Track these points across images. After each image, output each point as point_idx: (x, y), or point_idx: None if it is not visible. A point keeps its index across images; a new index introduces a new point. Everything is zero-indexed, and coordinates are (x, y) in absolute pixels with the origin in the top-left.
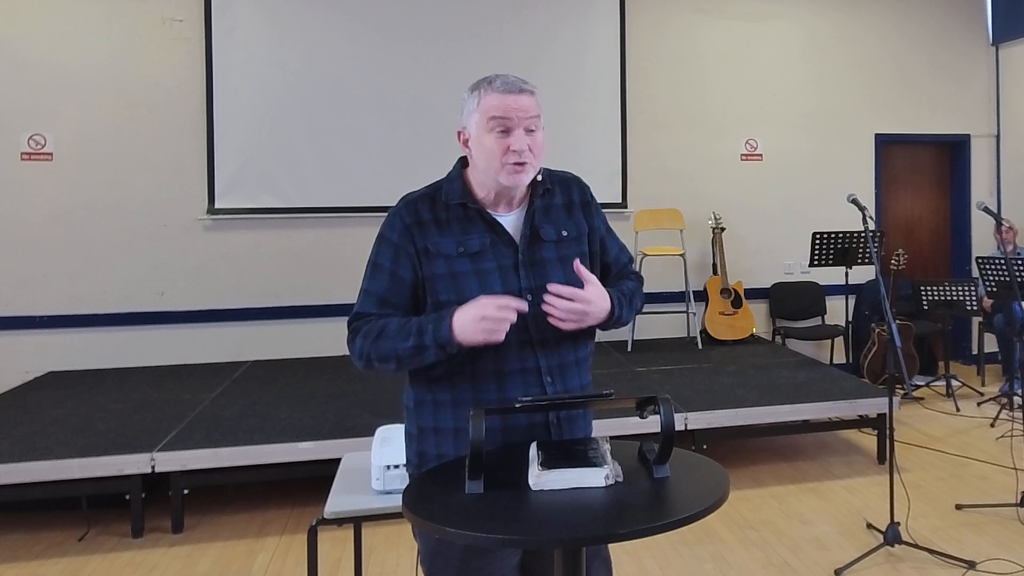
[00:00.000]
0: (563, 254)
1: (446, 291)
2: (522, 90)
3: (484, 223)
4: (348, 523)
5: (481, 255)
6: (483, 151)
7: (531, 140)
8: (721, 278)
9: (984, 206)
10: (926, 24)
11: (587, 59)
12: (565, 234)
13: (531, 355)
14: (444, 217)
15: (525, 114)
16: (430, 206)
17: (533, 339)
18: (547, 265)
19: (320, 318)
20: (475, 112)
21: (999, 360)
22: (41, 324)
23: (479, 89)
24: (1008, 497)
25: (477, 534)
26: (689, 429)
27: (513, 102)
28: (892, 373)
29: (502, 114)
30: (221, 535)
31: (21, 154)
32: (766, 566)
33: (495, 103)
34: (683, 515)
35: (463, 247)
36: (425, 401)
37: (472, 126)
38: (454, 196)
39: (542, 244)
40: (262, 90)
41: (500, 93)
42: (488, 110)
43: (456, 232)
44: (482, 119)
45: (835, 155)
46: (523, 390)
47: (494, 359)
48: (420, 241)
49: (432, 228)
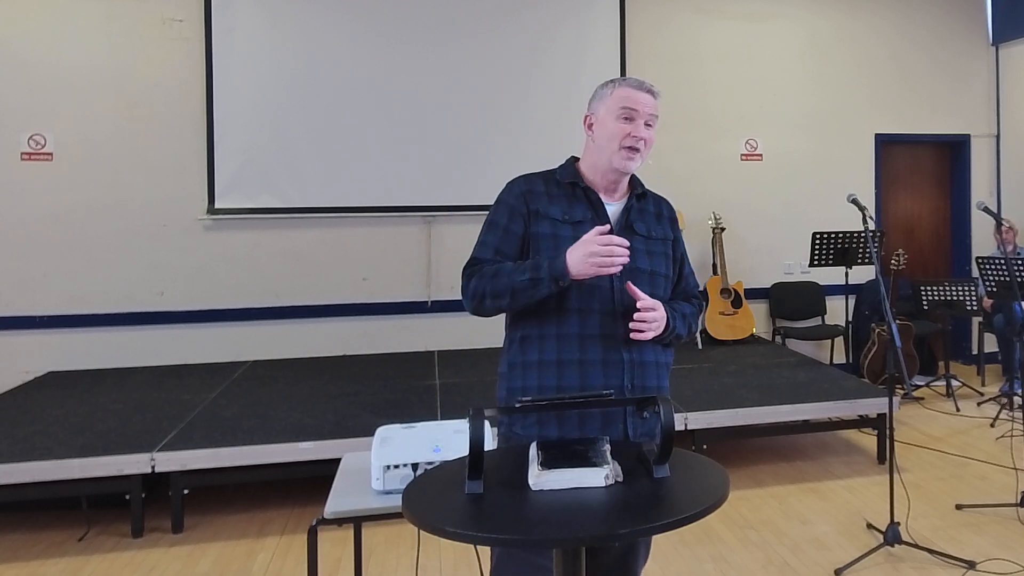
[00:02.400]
0: (651, 249)
1: (547, 250)
2: (651, 90)
3: (588, 202)
4: (348, 523)
5: (582, 225)
6: (606, 133)
7: (647, 133)
8: (721, 278)
9: (984, 206)
10: (926, 24)
11: (587, 59)
12: (655, 234)
13: (612, 324)
14: (555, 191)
15: (648, 109)
16: (543, 181)
17: (616, 309)
18: (636, 253)
19: (320, 318)
20: (607, 99)
21: (999, 360)
22: (41, 324)
23: (614, 82)
24: (1008, 497)
25: (477, 534)
26: (689, 429)
27: (642, 97)
28: (892, 373)
29: (631, 104)
30: (221, 535)
31: (21, 154)
32: (766, 566)
33: (627, 95)
34: (683, 515)
35: (567, 215)
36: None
37: (601, 111)
38: (566, 177)
39: (634, 235)
40: (262, 90)
41: (633, 88)
42: (620, 99)
43: (563, 203)
44: (613, 105)
45: (835, 155)
46: (603, 355)
47: (579, 323)
48: (532, 204)
49: (543, 197)
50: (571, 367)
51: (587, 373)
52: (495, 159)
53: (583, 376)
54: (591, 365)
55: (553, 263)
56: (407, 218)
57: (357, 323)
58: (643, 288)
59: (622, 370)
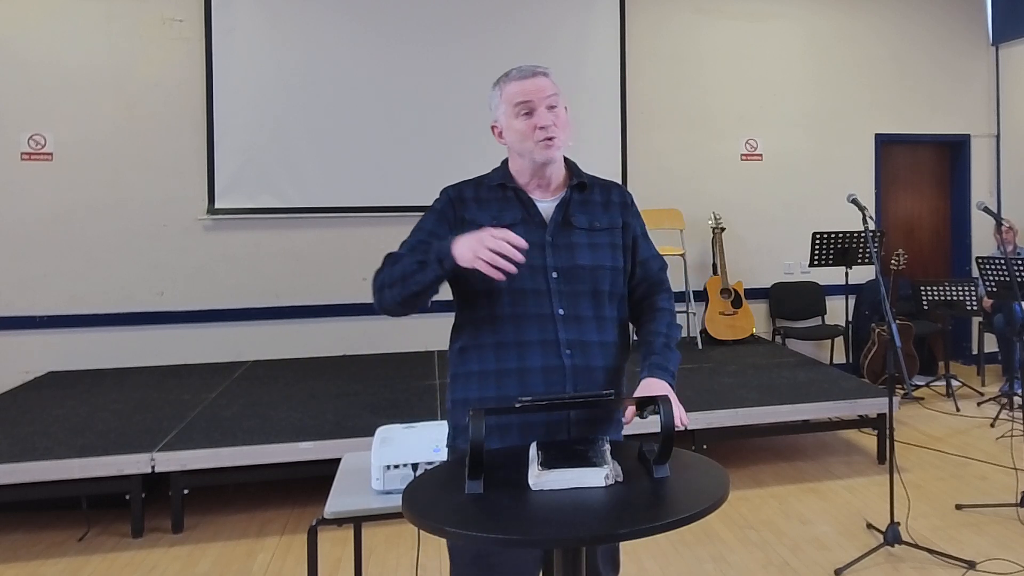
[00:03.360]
0: (594, 241)
1: None
2: (535, 73)
3: (520, 203)
4: (348, 523)
5: (512, 228)
6: (515, 134)
7: (554, 116)
8: (721, 278)
9: (984, 206)
10: (926, 24)
11: (587, 59)
12: (598, 225)
13: (551, 327)
14: (485, 196)
15: (543, 93)
16: (474, 187)
17: (555, 314)
18: (576, 249)
19: (320, 318)
20: (500, 103)
21: (999, 360)
22: (41, 324)
23: (499, 83)
24: (1008, 497)
25: (477, 534)
26: (689, 429)
27: (530, 85)
28: (892, 373)
29: (523, 98)
30: (221, 535)
31: (21, 154)
32: (766, 566)
33: (515, 89)
34: (683, 515)
35: (496, 220)
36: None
37: (501, 116)
38: (495, 179)
39: (572, 230)
40: (262, 90)
41: (517, 80)
42: (511, 97)
43: (493, 208)
44: (508, 107)
45: (835, 155)
46: (543, 361)
47: (514, 330)
48: (460, 211)
49: (472, 203)
50: (510, 376)
51: (527, 382)
52: (495, 159)
53: (523, 385)
54: (531, 373)
55: (441, 244)
56: (407, 218)
57: (357, 323)
58: (585, 285)
59: (564, 376)
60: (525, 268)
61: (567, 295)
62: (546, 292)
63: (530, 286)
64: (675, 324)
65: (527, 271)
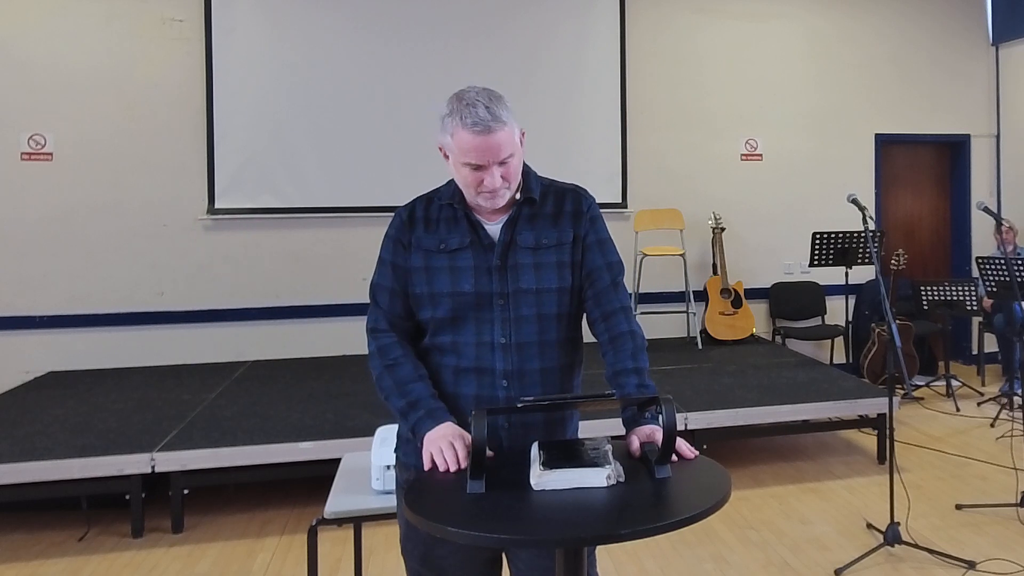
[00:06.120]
0: (539, 261)
1: (420, 283)
2: (492, 129)
3: (468, 224)
4: (348, 523)
5: (458, 253)
6: (460, 177)
7: (504, 170)
8: (721, 278)
9: (984, 206)
10: (926, 24)
11: (587, 59)
12: (544, 242)
13: (489, 356)
14: (435, 216)
15: (497, 156)
16: (425, 206)
17: (494, 342)
18: (521, 270)
19: (320, 318)
20: (451, 144)
21: (999, 360)
22: (41, 324)
23: (453, 118)
24: (1008, 497)
25: (479, 533)
26: (689, 429)
27: (484, 144)
28: (892, 373)
29: (475, 159)
30: (221, 535)
31: (21, 154)
32: (766, 566)
33: (467, 145)
34: (684, 515)
35: (443, 244)
36: None
37: (449, 152)
38: (446, 197)
39: (519, 250)
40: (262, 90)
41: (472, 134)
42: (461, 151)
43: (441, 231)
44: (458, 153)
45: (835, 155)
46: (476, 390)
47: (455, 357)
48: (409, 235)
49: (421, 225)
50: (446, 401)
51: (460, 409)
52: None
53: (455, 412)
54: (463, 400)
55: (419, 423)
56: None
57: (357, 323)
58: (530, 309)
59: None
60: (471, 296)
61: (512, 321)
62: (488, 320)
63: (472, 314)
64: (640, 347)
65: (472, 299)
